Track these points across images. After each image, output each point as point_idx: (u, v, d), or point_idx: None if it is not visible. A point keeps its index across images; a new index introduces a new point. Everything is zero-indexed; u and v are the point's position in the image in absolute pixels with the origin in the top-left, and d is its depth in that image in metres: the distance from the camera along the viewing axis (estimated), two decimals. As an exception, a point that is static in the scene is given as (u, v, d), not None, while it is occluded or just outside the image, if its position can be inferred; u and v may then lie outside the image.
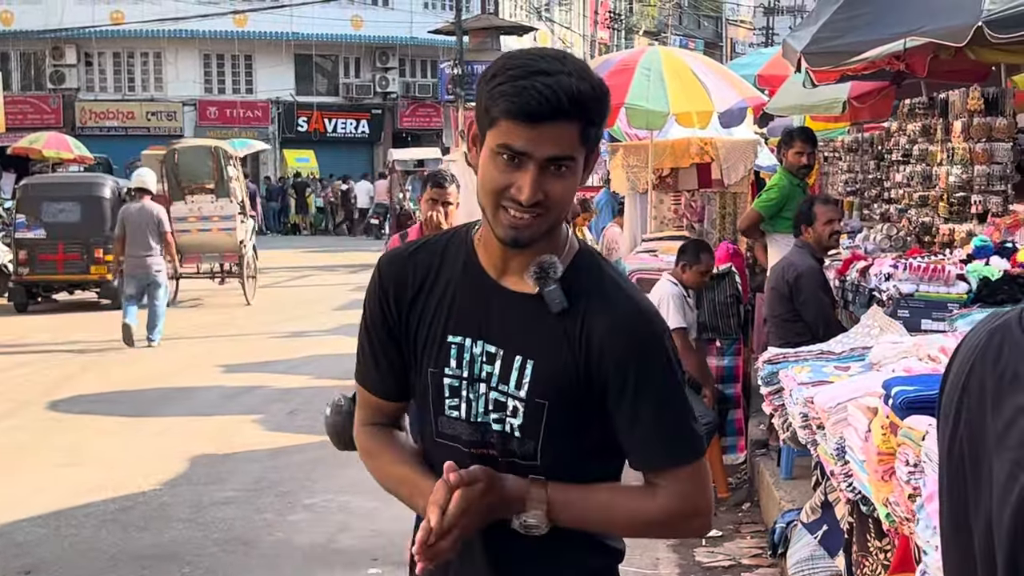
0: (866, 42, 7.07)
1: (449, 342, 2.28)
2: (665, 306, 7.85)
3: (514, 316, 2.25)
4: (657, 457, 2.23)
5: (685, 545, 6.96)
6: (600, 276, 2.28)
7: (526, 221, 2.15)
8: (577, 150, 2.15)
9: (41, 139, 31.94)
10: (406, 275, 2.34)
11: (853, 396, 4.31)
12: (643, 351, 2.20)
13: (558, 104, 2.08)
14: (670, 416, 2.23)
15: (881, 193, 12.21)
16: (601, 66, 11.57)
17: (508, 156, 2.12)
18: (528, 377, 2.22)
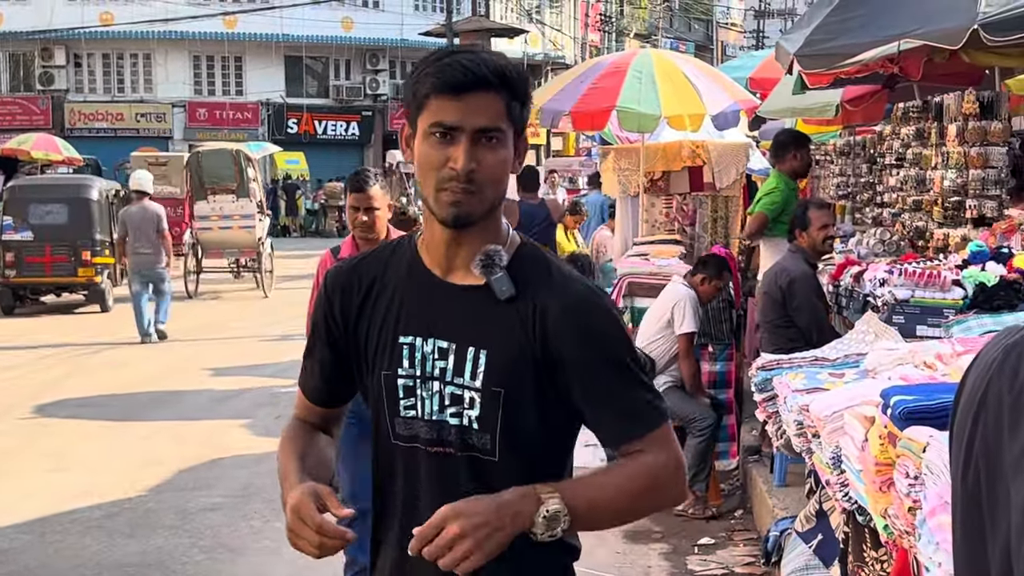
0: (860, 44, 7.00)
1: (400, 343, 2.32)
2: (681, 309, 7.81)
3: (463, 310, 2.29)
4: (634, 428, 2.28)
5: (677, 553, 6.90)
6: (546, 264, 2.34)
7: (464, 197, 2.21)
8: (504, 123, 2.24)
9: (30, 140, 31.76)
10: (351, 285, 2.41)
11: (849, 404, 4.24)
12: (601, 330, 2.26)
13: (481, 74, 2.20)
14: (635, 386, 2.28)
15: (873, 197, 12.17)
16: (592, 68, 11.52)
17: (440, 133, 2.21)
18: (482, 367, 2.25)
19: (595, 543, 7.09)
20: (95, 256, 18.10)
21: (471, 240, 2.28)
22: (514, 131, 2.28)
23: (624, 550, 7.01)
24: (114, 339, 15.84)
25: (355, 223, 5.68)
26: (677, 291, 8.00)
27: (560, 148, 46.40)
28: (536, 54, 47.90)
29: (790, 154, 8.89)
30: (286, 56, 43.44)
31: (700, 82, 10.83)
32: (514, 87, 2.26)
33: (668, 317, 7.91)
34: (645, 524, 7.48)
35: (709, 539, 7.10)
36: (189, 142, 41.26)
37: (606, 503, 2.24)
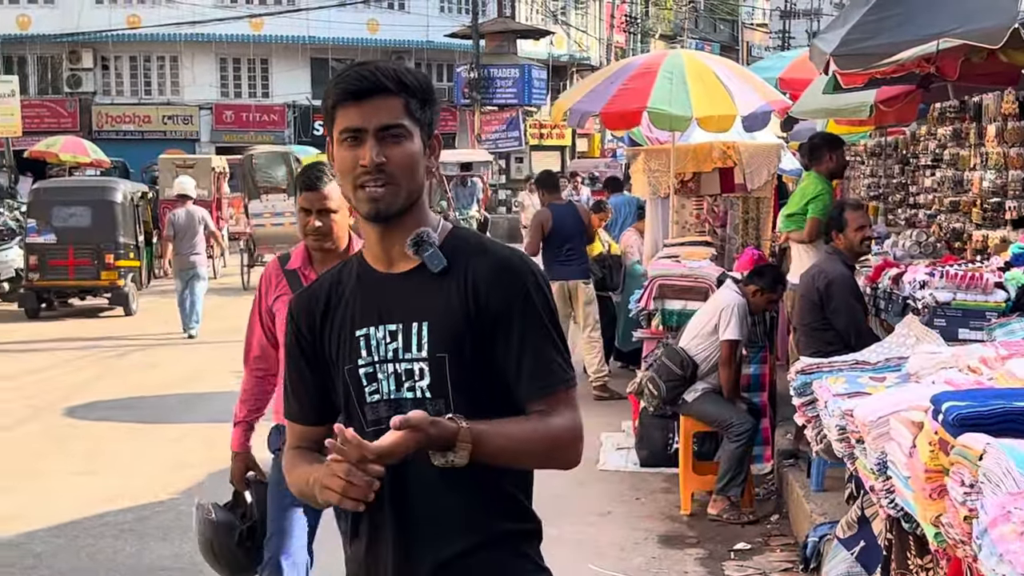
0: (898, 44, 6.91)
1: (357, 336, 2.54)
2: (728, 314, 7.70)
3: (406, 293, 2.52)
4: (547, 384, 2.48)
5: (713, 558, 6.83)
6: (479, 240, 2.61)
7: (379, 192, 2.46)
8: (406, 120, 2.48)
9: (58, 143, 31.98)
10: (311, 303, 2.64)
11: (895, 409, 4.17)
12: (524, 289, 2.49)
13: (376, 80, 2.47)
14: (550, 346, 2.51)
15: (906, 198, 12.08)
16: (623, 69, 11.46)
17: (349, 138, 2.47)
18: (426, 337, 2.48)
19: (630, 549, 7.04)
20: (118, 259, 18.03)
21: (402, 231, 2.52)
22: (420, 129, 2.52)
23: (659, 555, 6.95)
24: (142, 341, 15.87)
25: (306, 228, 4.64)
26: (728, 297, 7.89)
27: (585, 149, 46.33)
28: (561, 55, 47.86)
29: (826, 156, 8.86)
30: (312, 58, 43.49)
31: (732, 83, 10.76)
32: (412, 89, 2.50)
33: (715, 322, 7.79)
34: (680, 529, 7.43)
35: (745, 544, 7.03)
36: (216, 144, 41.44)
37: (510, 455, 2.43)
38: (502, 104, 39.65)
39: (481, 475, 2.41)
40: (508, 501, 2.55)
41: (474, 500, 2.48)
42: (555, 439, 2.47)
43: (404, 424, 2.27)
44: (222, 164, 27.44)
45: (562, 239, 11.54)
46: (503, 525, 2.53)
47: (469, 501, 2.48)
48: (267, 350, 4.89)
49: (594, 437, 9.67)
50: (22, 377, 13.19)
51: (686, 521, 7.58)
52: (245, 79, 44.12)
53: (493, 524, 2.52)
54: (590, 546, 7.02)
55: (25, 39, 40.62)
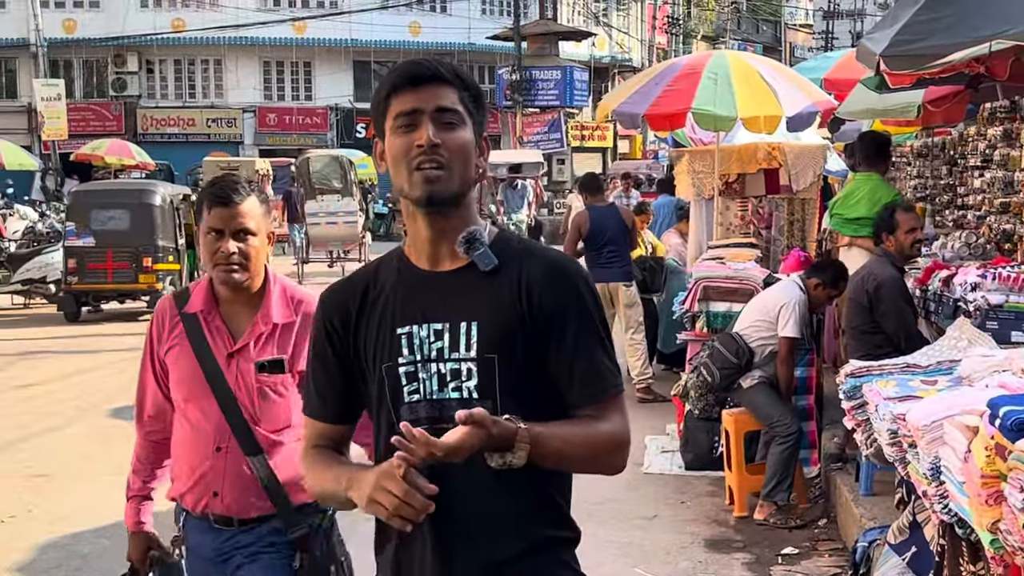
0: (949, 45, 6.84)
1: (398, 334, 2.48)
2: (788, 311, 7.62)
3: (453, 291, 2.47)
4: (599, 389, 2.47)
5: (760, 562, 6.78)
6: (524, 241, 2.60)
7: (435, 173, 2.41)
8: (462, 108, 2.47)
9: (103, 146, 32.31)
10: (345, 299, 2.60)
11: (949, 413, 4.11)
12: (577, 293, 2.47)
13: (435, 69, 2.46)
14: (603, 351, 2.49)
15: (954, 199, 11.95)
16: (667, 70, 11.40)
17: (405, 122, 2.44)
18: (475, 337, 2.44)
19: (676, 552, 6.99)
20: (157, 263, 17.81)
21: (451, 229, 2.48)
22: (474, 124, 2.50)
23: (706, 559, 6.90)
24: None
25: (215, 256, 3.61)
26: (789, 291, 7.79)
27: (627, 151, 46.22)
28: (603, 57, 47.79)
29: (883, 156, 8.87)
30: (354, 61, 43.68)
31: (777, 83, 10.69)
32: (466, 84, 2.50)
33: (774, 314, 7.71)
34: (727, 533, 7.37)
35: (793, 548, 6.97)
36: (259, 147, 41.69)
37: (563, 457, 2.40)
38: (544, 106, 39.63)
39: (531, 479, 2.38)
40: (553, 507, 2.52)
41: (523, 504, 2.45)
42: (605, 443, 2.45)
43: (469, 419, 2.23)
44: (265, 167, 27.61)
45: (602, 241, 11.51)
46: (548, 531, 2.51)
47: (518, 505, 2.45)
48: (162, 408, 4.01)
49: (639, 440, 9.63)
50: (66, 379, 13.28)
51: (733, 525, 7.53)
52: (288, 82, 44.37)
53: (539, 530, 2.49)
54: (636, 550, 6.98)
55: (71, 43, 41.01)
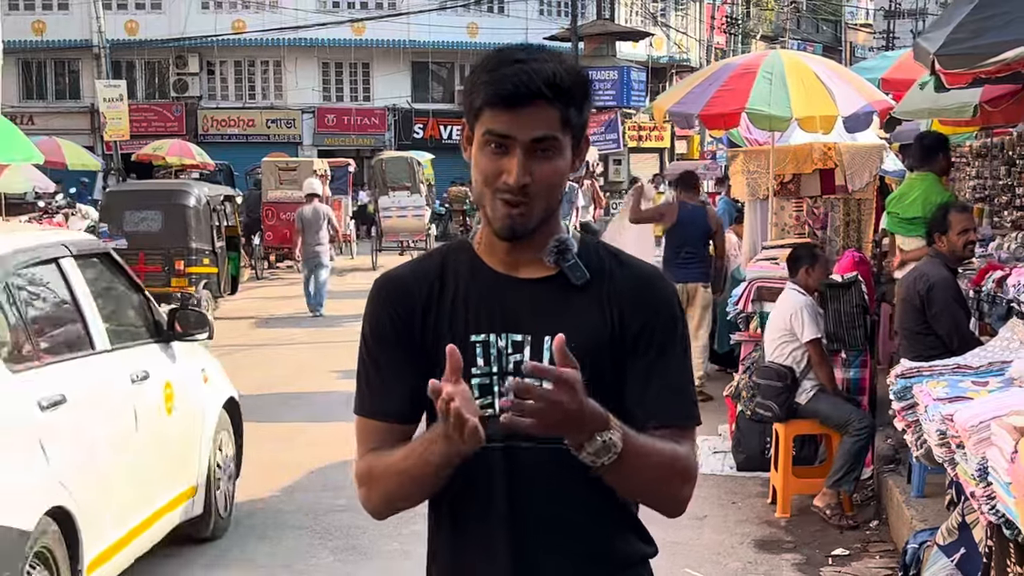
0: (1004, 43, 6.79)
1: (473, 341, 2.28)
2: (799, 318, 7.72)
3: (535, 302, 2.29)
4: (678, 414, 2.30)
5: (811, 564, 6.77)
6: (608, 251, 2.38)
7: (517, 212, 2.23)
8: (560, 131, 2.24)
9: (165, 146, 32.71)
10: (410, 290, 2.36)
11: (997, 414, 4.10)
12: (669, 310, 2.32)
13: (534, 87, 2.19)
14: (688, 377, 2.34)
15: (1013, 200, 11.80)
16: (722, 70, 11.38)
17: (495, 144, 2.22)
18: None
19: (724, 553, 7.00)
20: (190, 266, 17.02)
21: (535, 239, 2.29)
22: (574, 137, 2.29)
23: (755, 559, 6.89)
24: (229, 345, 16.12)
25: None
26: (790, 300, 7.91)
27: (684, 151, 46.06)
28: (661, 57, 47.66)
29: (940, 156, 8.88)
30: (413, 62, 43.87)
31: (832, 83, 10.63)
32: (569, 95, 2.24)
33: (787, 327, 7.81)
34: (776, 534, 7.36)
35: (843, 550, 6.94)
36: (318, 147, 41.98)
37: (648, 467, 2.19)
38: (601, 106, 39.57)
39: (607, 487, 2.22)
40: (637, 519, 2.39)
41: (610, 516, 2.32)
42: (683, 468, 2.27)
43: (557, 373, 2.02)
44: (323, 167, 27.81)
45: (682, 240, 11.65)
46: (635, 547, 2.38)
47: (604, 517, 2.32)
48: None
49: (691, 440, 9.63)
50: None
51: (783, 526, 7.52)
52: (347, 83, 44.64)
53: (626, 545, 2.36)
54: (686, 550, 6.98)
55: (133, 44, 41.53)
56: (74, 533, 5.32)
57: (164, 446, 6.63)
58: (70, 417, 5.49)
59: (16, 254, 5.71)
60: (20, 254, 5.75)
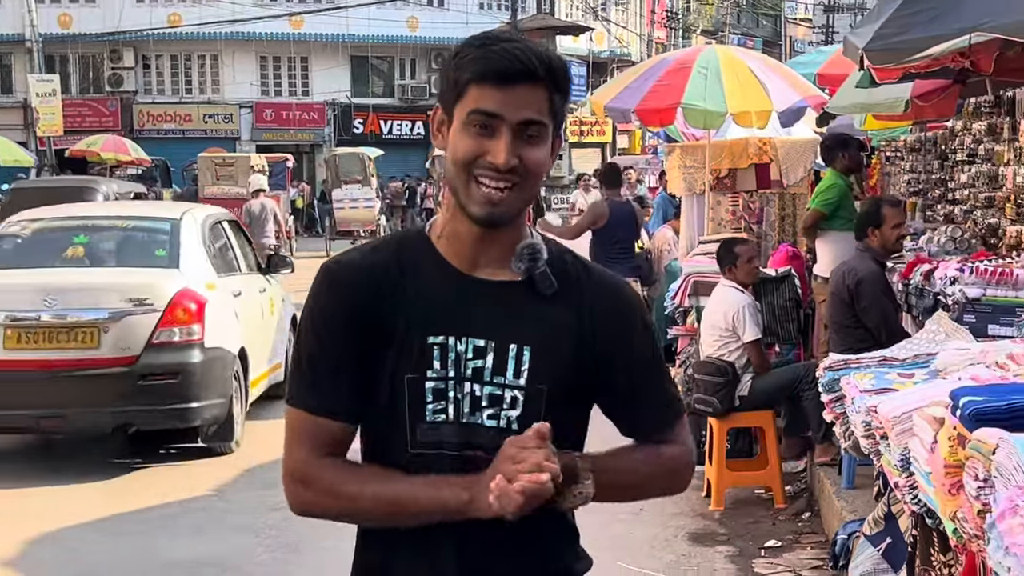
0: (930, 38, 6.86)
1: (430, 343, 2.18)
2: (742, 317, 7.76)
3: (503, 307, 2.20)
4: (666, 419, 2.33)
5: (743, 555, 6.82)
6: (576, 259, 2.30)
7: (502, 194, 2.12)
8: (547, 117, 2.15)
9: (99, 142, 32.28)
10: (363, 279, 2.22)
11: (919, 405, 4.15)
12: (641, 318, 2.30)
13: (529, 64, 2.10)
14: (665, 378, 2.36)
15: (945, 194, 11.99)
16: (657, 65, 11.43)
17: (481, 123, 2.11)
18: (527, 364, 2.17)
19: (659, 546, 7.04)
20: None
21: (503, 237, 2.20)
22: (554, 128, 2.19)
23: (689, 552, 6.94)
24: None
25: None
26: (730, 298, 7.94)
27: (626, 146, 46.24)
28: (602, 51, 47.78)
29: (838, 155, 9.15)
30: (352, 56, 43.66)
31: (767, 78, 10.71)
32: (558, 80, 2.16)
33: (728, 326, 7.85)
34: (710, 527, 7.42)
35: (776, 541, 7.01)
36: (256, 143, 41.66)
37: (629, 487, 2.31)
38: (541, 101, 39.65)
39: None
40: (573, 535, 2.37)
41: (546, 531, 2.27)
42: (670, 469, 2.34)
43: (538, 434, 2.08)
44: (261, 162, 27.62)
45: (614, 237, 11.68)
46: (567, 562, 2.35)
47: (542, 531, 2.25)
48: None
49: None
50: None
51: (717, 518, 7.58)
52: (285, 77, 44.34)
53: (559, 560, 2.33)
54: (621, 544, 7.01)
55: (67, 38, 40.94)
56: (246, 363, 9.66)
57: (270, 333, 10.77)
58: (243, 302, 9.93)
59: (207, 218, 10.28)
60: (208, 218, 10.33)
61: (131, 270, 9.33)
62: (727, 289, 8.09)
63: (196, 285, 9.06)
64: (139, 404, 8.68)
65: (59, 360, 8.54)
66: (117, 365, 8.58)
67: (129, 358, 8.59)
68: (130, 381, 8.58)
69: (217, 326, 9.05)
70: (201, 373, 8.80)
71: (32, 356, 8.55)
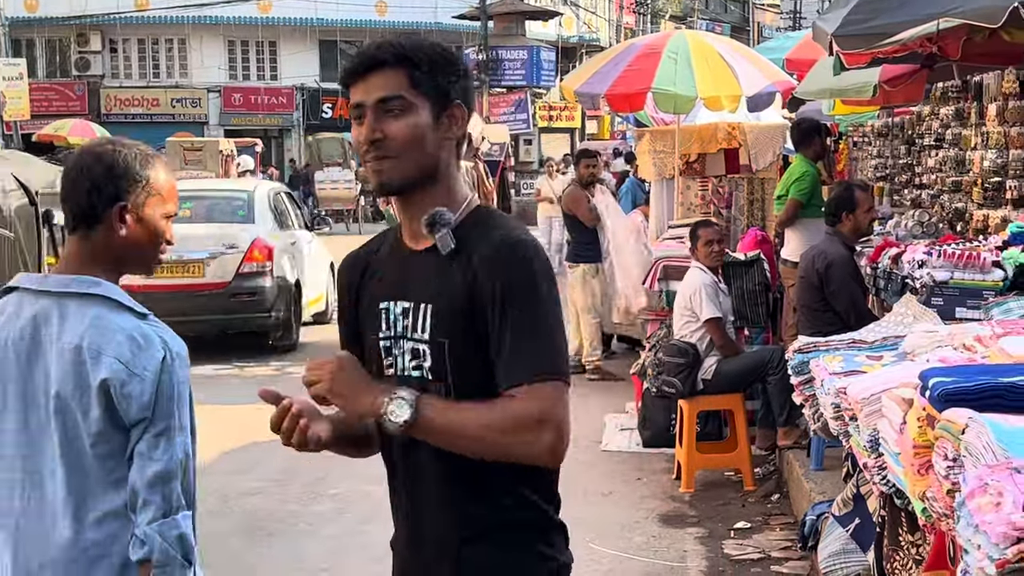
0: (899, 24, 6.91)
1: (379, 308, 2.55)
2: (698, 297, 7.82)
3: (420, 271, 2.49)
4: (517, 371, 2.36)
5: (713, 537, 6.88)
6: (495, 222, 2.51)
7: (380, 165, 2.45)
8: (409, 92, 2.44)
9: (66, 126, 31.99)
10: (356, 265, 2.67)
11: (887, 387, 4.20)
12: (525, 269, 2.39)
13: (372, 55, 2.46)
14: (544, 333, 2.38)
15: (912, 179, 12.07)
16: (627, 50, 11.47)
17: (356, 116, 2.47)
18: (429, 320, 2.46)
19: (629, 528, 7.08)
20: None
21: (421, 207, 2.48)
22: (433, 99, 2.46)
23: (659, 533, 6.99)
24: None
25: None
26: (691, 280, 8.06)
27: (595, 131, 46.25)
28: (571, 37, 47.75)
29: (812, 140, 9.14)
30: (320, 40, 43.45)
31: (736, 63, 10.77)
32: (416, 60, 2.45)
33: (686, 305, 7.95)
34: (681, 508, 7.47)
35: (745, 523, 7.07)
36: (224, 127, 41.42)
37: (461, 434, 2.37)
38: (510, 86, 39.62)
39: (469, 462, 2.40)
40: (507, 491, 2.47)
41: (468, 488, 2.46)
42: (510, 424, 2.34)
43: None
44: (229, 147, 27.48)
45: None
46: (503, 515, 2.48)
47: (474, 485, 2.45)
48: None
49: (598, 418, 9.72)
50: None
51: (687, 500, 7.63)
52: (253, 62, 44.11)
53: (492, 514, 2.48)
54: (592, 525, 7.05)
55: (33, 22, 40.59)
56: (300, 290, 13.93)
57: (315, 272, 14.84)
58: (296, 249, 14.24)
59: (270, 190, 14.87)
60: (271, 190, 14.92)
61: (222, 225, 13.57)
62: (692, 270, 8.17)
63: (265, 235, 13.43)
64: (231, 314, 13.15)
65: (178, 284, 12.65)
66: (216, 288, 13.00)
67: (223, 283, 13.04)
68: (225, 298, 12.99)
69: (280, 263, 13.44)
70: (271, 293, 13.15)
71: (161, 282, 11.81)
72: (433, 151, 2.46)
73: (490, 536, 2.48)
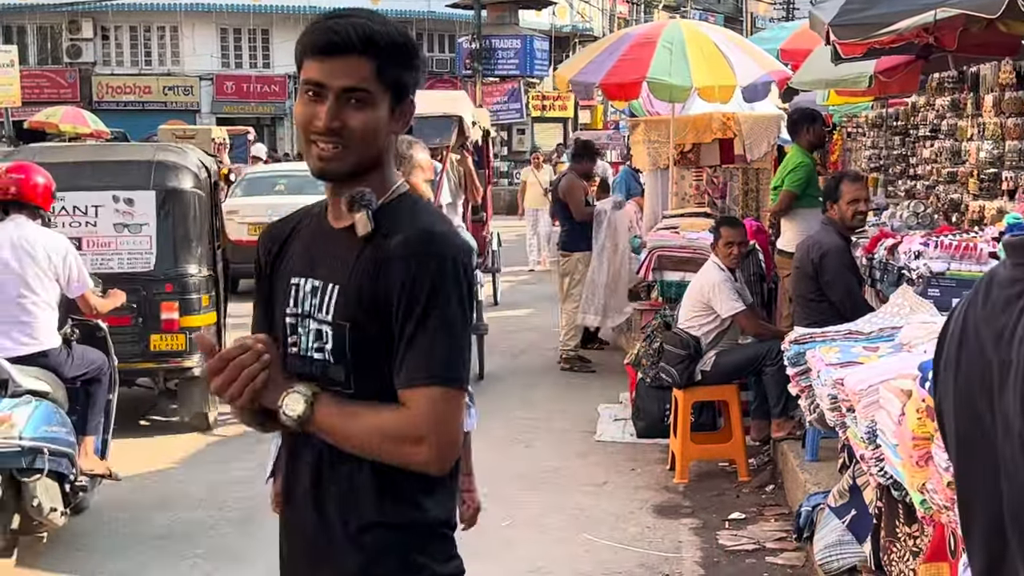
0: (896, 13, 6.88)
1: (291, 283, 2.48)
2: (718, 292, 7.87)
3: (334, 249, 2.43)
4: (412, 371, 2.29)
5: (708, 528, 6.85)
6: (414, 212, 2.43)
7: (329, 152, 2.36)
8: (373, 85, 2.35)
9: (58, 113, 31.87)
10: (277, 237, 2.59)
11: (885, 378, 4.18)
12: (423, 266, 2.30)
13: (347, 38, 2.32)
14: (434, 334, 2.29)
15: (906, 169, 12.06)
16: (621, 40, 11.42)
17: (311, 91, 2.36)
18: (333, 301, 2.39)
19: (624, 518, 7.06)
20: None
21: (350, 188, 2.40)
22: (392, 93, 2.39)
23: (654, 525, 6.97)
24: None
25: None
26: (709, 275, 8.04)
27: (588, 121, 46.19)
28: (564, 26, 47.64)
29: (803, 129, 9.14)
30: (313, 29, 43.30)
31: (731, 53, 10.73)
32: (384, 50, 2.36)
33: (704, 300, 7.92)
34: (675, 499, 7.45)
35: (740, 514, 7.05)
36: (216, 115, 41.32)
37: (350, 433, 2.32)
38: (503, 75, 39.55)
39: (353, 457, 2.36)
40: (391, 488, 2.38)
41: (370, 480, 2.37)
42: (385, 433, 2.30)
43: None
44: (222, 135, 27.43)
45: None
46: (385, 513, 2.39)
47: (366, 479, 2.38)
48: None
49: (591, 408, 9.71)
50: None
51: (682, 491, 7.61)
52: (246, 49, 43.96)
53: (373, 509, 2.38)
54: (585, 516, 7.04)
55: (24, 9, 40.42)
56: None
57: None
58: None
59: None
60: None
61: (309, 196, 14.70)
62: (709, 264, 8.15)
63: None
64: None
65: None
66: None
67: None
68: None
69: None
70: None
71: None
72: (382, 143, 2.41)
73: (359, 536, 2.40)
